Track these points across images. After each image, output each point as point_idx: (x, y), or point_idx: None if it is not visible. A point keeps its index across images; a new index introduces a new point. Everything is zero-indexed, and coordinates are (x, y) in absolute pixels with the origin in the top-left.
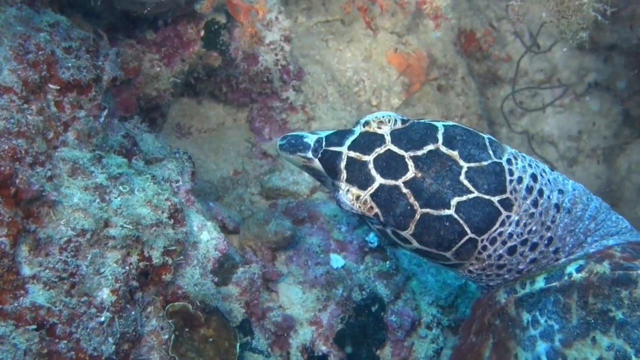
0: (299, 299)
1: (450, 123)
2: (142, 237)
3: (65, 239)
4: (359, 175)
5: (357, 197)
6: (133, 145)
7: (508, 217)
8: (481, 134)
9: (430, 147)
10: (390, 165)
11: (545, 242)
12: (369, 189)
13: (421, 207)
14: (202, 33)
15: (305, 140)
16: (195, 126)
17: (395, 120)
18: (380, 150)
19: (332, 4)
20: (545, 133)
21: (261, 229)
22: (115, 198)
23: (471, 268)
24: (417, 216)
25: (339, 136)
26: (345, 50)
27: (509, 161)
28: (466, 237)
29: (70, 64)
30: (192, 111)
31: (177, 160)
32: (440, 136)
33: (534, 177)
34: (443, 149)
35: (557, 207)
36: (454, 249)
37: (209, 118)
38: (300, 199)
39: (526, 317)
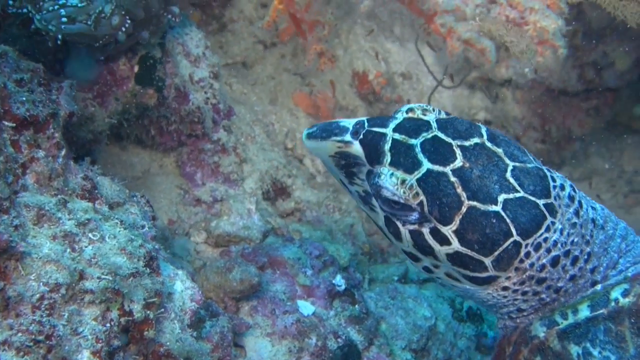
0: (268, 352)
1: None
2: (122, 289)
3: (38, 295)
4: (405, 159)
5: (403, 182)
6: (94, 189)
7: (553, 223)
8: None
9: (477, 140)
10: (439, 151)
11: (585, 257)
12: (416, 173)
13: (468, 199)
14: (136, 69)
15: (341, 124)
16: (119, 174)
17: (439, 111)
18: (427, 135)
19: (230, 47)
20: None
21: (223, 277)
22: (87, 247)
23: (507, 284)
24: (464, 209)
25: (380, 120)
26: (250, 94)
27: (548, 169)
28: (511, 240)
29: (24, 98)
30: (114, 158)
31: (138, 205)
32: (484, 132)
33: (572, 187)
34: (488, 144)
35: (594, 222)
36: (496, 253)
37: (133, 165)
38: (253, 244)
39: (575, 350)
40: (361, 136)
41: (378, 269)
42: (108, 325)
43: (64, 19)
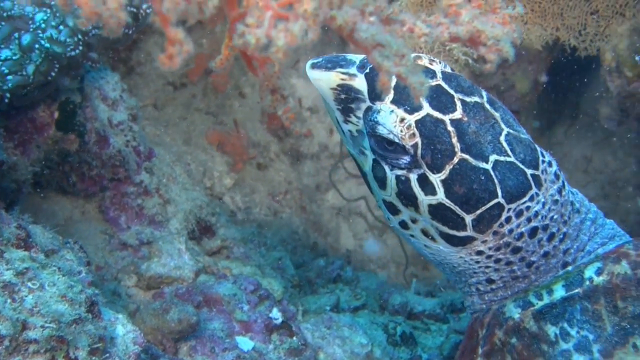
0: None
1: None
2: (66, 336)
3: None
4: (407, 99)
5: (402, 120)
6: (28, 237)
7: (537, 194)
8: None
9: (477, 99)
10: (440, 99)
11: (561, 236)
12: (416, 114)
13: (462, 151)
14: (57, 115)
15: (348, 57)
16: (41, 224)
17: (445, 65)
18: (431, 82)
19: (140, 89)
20: (352, 205)
21: (161, 319)
22: (27, 296)
23: (482, 247)
24: (456, 159)
25: None
26: (164, 135)
27: (538, 146)
28: (495, 200)
29: None
30: (35, 207)
31: (72, 251)
32: (484, 94)
33: (558, 167)
34: (488, 106)
35: (572, 204)
36: (478, 211)
37: (54, 213)
38: (186, 284)
39: (553, 330)
40: (367, 70)
41: (309, 300)
42: None
43: (9, 76)
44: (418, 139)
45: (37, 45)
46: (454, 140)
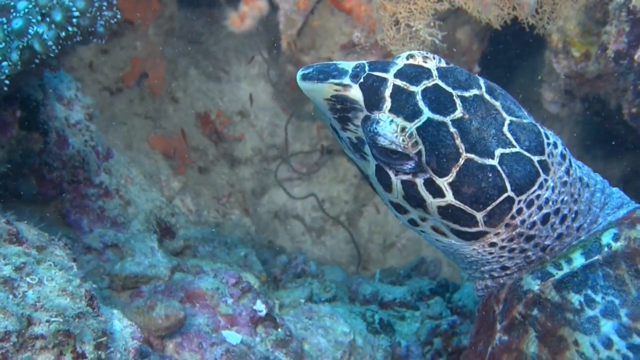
0: None
1: None
2: (73, 331)
3: None
4: (405, 106)
5: (403, 129)
6: (18, 233)
7: (545, 180)
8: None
9: (476, 91)
10: (440, 100)
11: (573, 215)
12: (417, 121)
13: (466, 151)
14: (19, 113)
15: (340, 66)
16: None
17: (440, 59)
18: (428, 83)
19: None
20: (288, 207)
21: (147, 316)
22: (27, 291)
23: (495, 240)
24: (462, 161)
25: (381, 64)
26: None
27: (541, 126)
28: (505, 195)
29: None
30: None
31: (59, 247)
32: (482, 84)
33: (564, 146)
34: (487, 96)
35: (581, 180)
36: (489, 207)
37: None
38: (162, 282)
39: (577, 298)
40: (361, 80)
41: (282, 294)
42: None
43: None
44: (421, 146)
45: (30, 31)
46: (458, 141)
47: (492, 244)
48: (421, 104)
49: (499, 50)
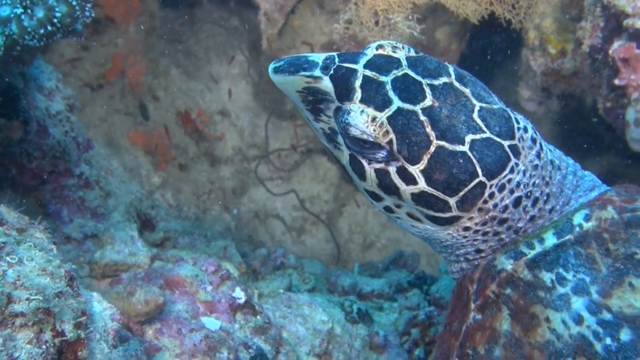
0: None
1: None
2: (52, 309)
3: None
4: (375, 96)
5: (373, 119)
6: None
7: (516, 164)
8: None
9: (445, 79)
10: (409, 89)
11: (545, 198)
12: (387, 110)
13: (437, 138)
14: None
15: (310, 58)
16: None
17: (409, 49)
18: (397, 73)
19: None
20: (269, 207)
21: (126, 302)
22: (7, 270)
23: (469, 224)
24: (432, 148)
25: (351, 55)
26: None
27: (512, 111)
28: (476, 180)
29: None
30: None
31: (40, 230)
32: (452, 72)
33: (534, 130)
34: (456, 83)
35: (552, 163)
36: (461, 193)
37: None
38: (142, 270)
39: (548, 276)
40: (331, 71)
41: (261, 285)
42: (44, 347)
43: None
44: (392, 135)
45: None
46: (428, 129)
47: (466, 228)
48: (391, 93)
49: (477, 51)
